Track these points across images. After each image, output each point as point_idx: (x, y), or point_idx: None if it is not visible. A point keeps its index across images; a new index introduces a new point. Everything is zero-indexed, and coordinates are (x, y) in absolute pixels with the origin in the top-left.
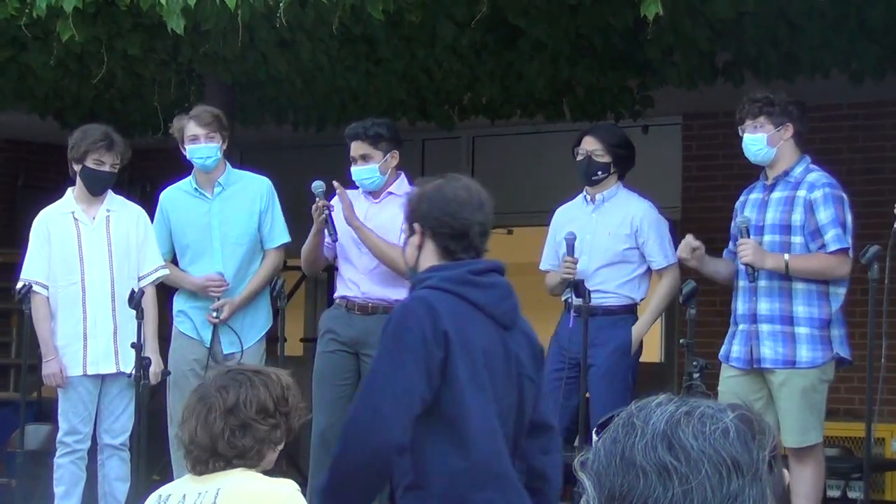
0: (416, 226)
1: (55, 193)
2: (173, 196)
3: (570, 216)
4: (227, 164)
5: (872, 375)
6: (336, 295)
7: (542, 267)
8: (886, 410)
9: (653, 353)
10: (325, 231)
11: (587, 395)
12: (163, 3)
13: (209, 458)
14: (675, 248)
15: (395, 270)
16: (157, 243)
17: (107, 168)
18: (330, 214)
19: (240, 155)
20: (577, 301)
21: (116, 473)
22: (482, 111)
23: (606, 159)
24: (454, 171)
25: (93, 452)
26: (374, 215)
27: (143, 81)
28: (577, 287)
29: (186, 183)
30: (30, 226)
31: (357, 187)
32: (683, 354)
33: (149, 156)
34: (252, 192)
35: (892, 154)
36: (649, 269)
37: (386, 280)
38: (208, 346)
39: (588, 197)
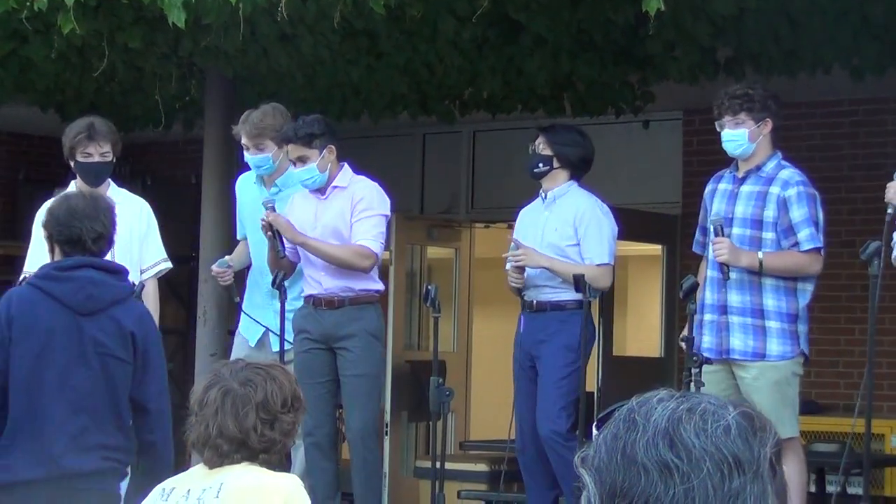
0: (45, 233)
1: (56, 187)
2: (243, 183)
3: (529, 216)
4: (293, 165)
5: (872, 371)
6: (303, 294)
7: (508, 268)
8: (886, 406)
9: (653, 347)
10: (274, 247)
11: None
12: None
13: (235, 452)
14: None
15: (349, 268)
16: (160, 237)
17: (96, 158)
18: (275, 231)
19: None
20: (529, 296)
21: None
22: (483, 106)
23: (547, 153)
24: (455, 165)
25: None
26: (323, 212)
27: (144, 75)
28: (577, 282)
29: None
30: (31, 219)
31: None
32: (683, 349)
33: (150, 149)
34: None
35: (893, 150)
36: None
37: (345, 272)
38: (253, 345)
39: (543, 195)
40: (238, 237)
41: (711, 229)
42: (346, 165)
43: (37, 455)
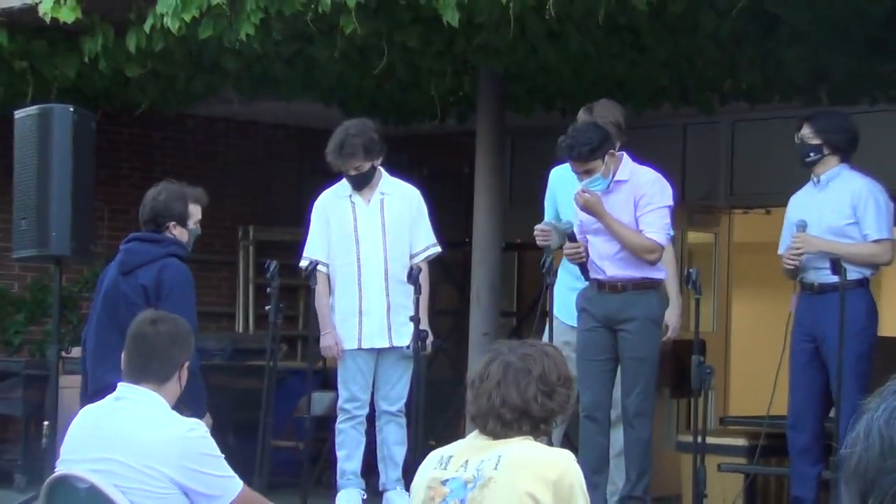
0: None
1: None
2: (558, 175)
3: (801, 200)
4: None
5: None
6: (591, 276)
7: (781, 252)
8: None
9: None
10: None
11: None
12: None
13: (516, 421)
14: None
15: (637, 255)
16: (429, 223)
17: (351, 173)
18: (586, 260)
19: (511, 141)
20: (809, 278)
21: (394, 438)
22: (742, 96)
23: (816, 141)
24: (714, 154)
25: (371, 418)
26: (606, 206)
27: (421, 72)
28: (834, 263)
29: None
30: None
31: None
32: None
33: (426, 141)
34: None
35: None
36: None
37: (628, 263)
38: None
39: (815, 179)
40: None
41: None
42: (625, 156)
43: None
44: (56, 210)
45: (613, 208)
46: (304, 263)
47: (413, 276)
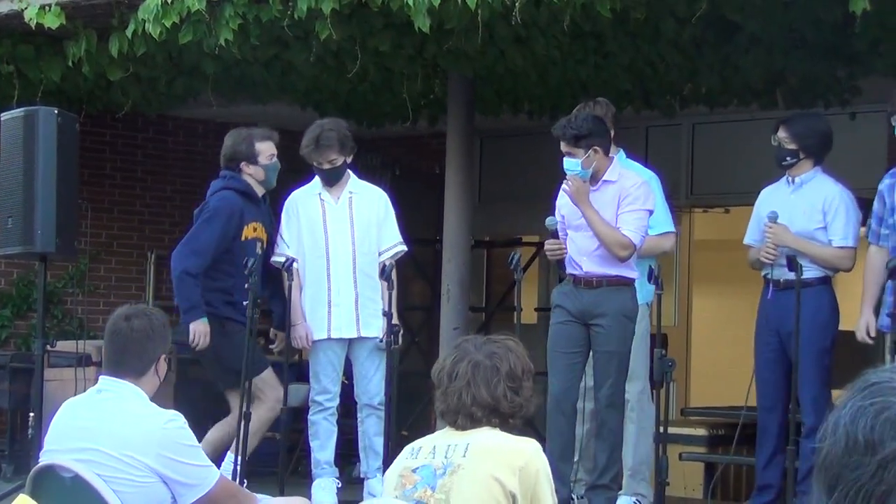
0: None
1: (311, 177)
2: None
3: (773, 196)
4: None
5: None
6: (566, 272)
7: (745, 241)
8: None
9: (854, 324)
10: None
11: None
12: (410, 5)
13: (486, 417)
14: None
15: (608, 250)
16: (396, 224)
17: (325, 166)
18: (564, 259)
19: (480, 142)
20: (776, 275)
21: (375, 430)
22: (701, 100)
23: (793, 147)
24: (675, 155)
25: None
26: (593, 201)
27: (393, 75)
28: (790, 261)
29: None
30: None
31: None
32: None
33: (398, 142)
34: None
35: None
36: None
37: (604, 260)
38: None
39: (789, 179)
40: None
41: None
42: (615, 158)
43: None
44: (41, 209)
45: (598, 205)
46: (280, 259)
47: (386, 273)
